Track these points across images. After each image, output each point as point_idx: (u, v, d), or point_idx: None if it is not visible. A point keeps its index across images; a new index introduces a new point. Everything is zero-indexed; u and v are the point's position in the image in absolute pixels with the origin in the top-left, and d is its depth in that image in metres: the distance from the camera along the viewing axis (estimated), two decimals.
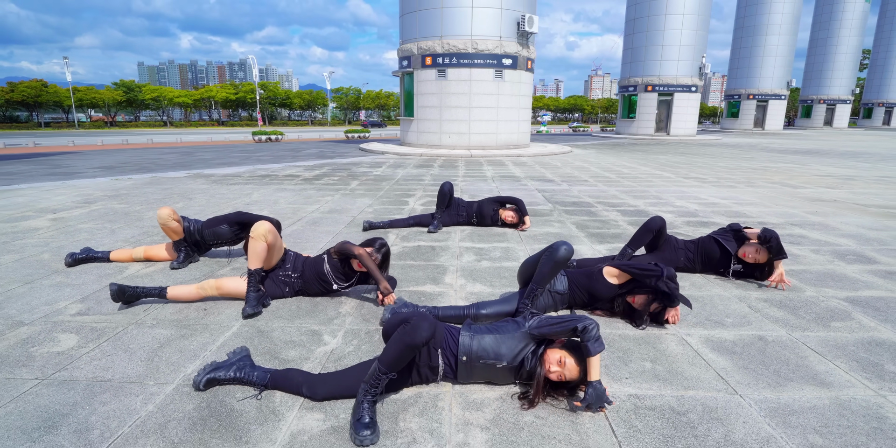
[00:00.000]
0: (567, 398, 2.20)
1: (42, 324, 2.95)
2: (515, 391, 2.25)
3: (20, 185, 8.81)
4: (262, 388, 2.20)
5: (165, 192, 7.95)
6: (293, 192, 8.11)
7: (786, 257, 3.51)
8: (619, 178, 10.44)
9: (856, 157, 16.49)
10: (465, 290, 3.58)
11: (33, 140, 28.47)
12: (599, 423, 2.04)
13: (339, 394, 2.13)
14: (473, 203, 5.57)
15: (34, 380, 2.33)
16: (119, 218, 6.00)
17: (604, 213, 6.49)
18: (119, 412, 2.08)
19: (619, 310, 3.00)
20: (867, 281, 3.86)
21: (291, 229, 5.46)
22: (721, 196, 8.09)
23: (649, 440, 1.93)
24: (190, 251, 4.12)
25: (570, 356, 2.15)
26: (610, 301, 3.02)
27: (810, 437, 1.95)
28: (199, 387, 2.22)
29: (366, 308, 3.24)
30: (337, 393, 2.13)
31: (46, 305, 3.23)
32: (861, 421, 2.06)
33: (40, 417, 2.04)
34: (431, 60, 16.53)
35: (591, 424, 2.03)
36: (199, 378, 2.23)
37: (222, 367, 2.27)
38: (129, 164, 13.14)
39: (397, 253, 4.50)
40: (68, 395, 2.20)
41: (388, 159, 14.41)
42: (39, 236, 5.09)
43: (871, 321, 3.08)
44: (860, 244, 4.99)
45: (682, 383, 2.35)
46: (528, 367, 2.19)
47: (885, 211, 6.87)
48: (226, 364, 2.28)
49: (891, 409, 2.14)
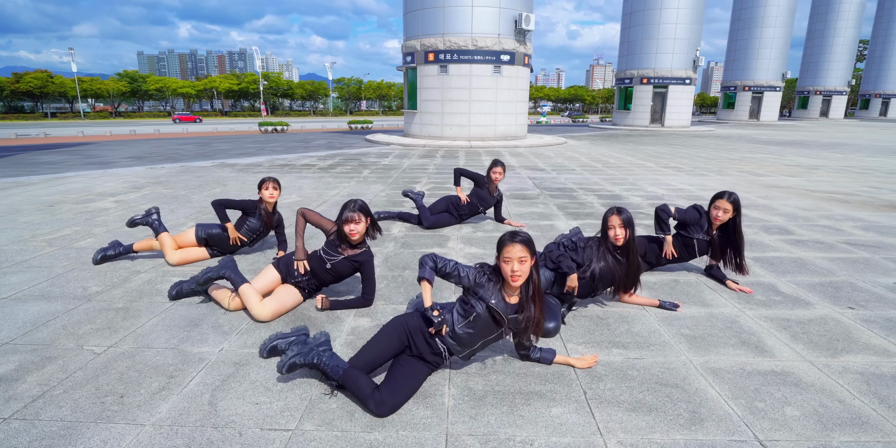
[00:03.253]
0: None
1: (154, 272, 4.05)
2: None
3: (68, 173, 9.88)
4: (333, 386, 2.35)
5: (201, 180, 9.03)
6: (313, 179, 9.19)
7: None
8: (604, 167, 11.50)
9: (834, 149, 17.50)
10: (464, 251, 4.67)
11: (43, 130, 29.41)
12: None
13: (404, 401, 2.24)
14: (469, 197, 5.63)
15: (168, 303, 3.42)
16: (170, 201, 7.08)
17: (583, 197, 7.57)
18: (236, 320, 3.17)
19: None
20: (776, 246, 4.95)
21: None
22: (689, 183, 9.16)
23: (579, 332, 3.03)
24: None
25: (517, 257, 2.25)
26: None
27: (682, 330, 3.05)
28: (263, 354, 2.61)
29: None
30: (402, 401, 2.24)
31: (150, 260, 4.33)
32: (720, 323, 3.16)
33: (185, 320, 3.13)
34: (434, 56, 17.51)
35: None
36: (263, 346, 2.61)
37: (285, 336, 2.60)
38: (155, 154, 14.21)
39: (408, 226, 5.60)
40: (198, 310, 3.29)
41: (394, 150, 15.46)
42: (112, 214, 6.18)
43: (762, 271, 4.18)
44: (787, 221, 6.08)
45: (612, 305, 3.44)
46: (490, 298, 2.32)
47: (827, 195, 7.95)
48: (287, 336, 2.60)
49: (744, 320, 3.23)
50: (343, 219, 3.15)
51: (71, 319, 3.13)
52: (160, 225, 4.32)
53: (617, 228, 3.15)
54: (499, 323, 2.35)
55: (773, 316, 3.27)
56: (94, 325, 3.05)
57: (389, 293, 3.64)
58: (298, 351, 2.40)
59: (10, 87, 54.93)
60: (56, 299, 3.45)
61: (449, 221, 5.64)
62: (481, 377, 2.50)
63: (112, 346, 2.79)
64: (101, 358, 2.65)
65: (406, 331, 2.40)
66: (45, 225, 5.59)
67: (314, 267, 3.33)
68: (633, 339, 2.92)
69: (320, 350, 2.40)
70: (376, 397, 2.18)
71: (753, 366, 2.62)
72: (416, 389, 2.33)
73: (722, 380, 2.48)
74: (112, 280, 3.84)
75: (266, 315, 3.11)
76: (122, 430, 2.06)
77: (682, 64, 30.76)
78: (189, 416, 2.15)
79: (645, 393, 2.36)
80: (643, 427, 2.11)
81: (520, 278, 2.29)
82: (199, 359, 2.65)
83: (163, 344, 2.81)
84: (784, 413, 2.21)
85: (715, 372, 2.56)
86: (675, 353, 2.75)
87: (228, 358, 2.66)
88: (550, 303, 3.03)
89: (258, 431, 2.06)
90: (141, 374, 2.50)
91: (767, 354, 2.75)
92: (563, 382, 2.45)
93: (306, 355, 2.37)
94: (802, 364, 2.65)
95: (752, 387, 2.42)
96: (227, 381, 2.43)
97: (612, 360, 2.68)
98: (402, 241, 5.02)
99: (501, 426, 2.11)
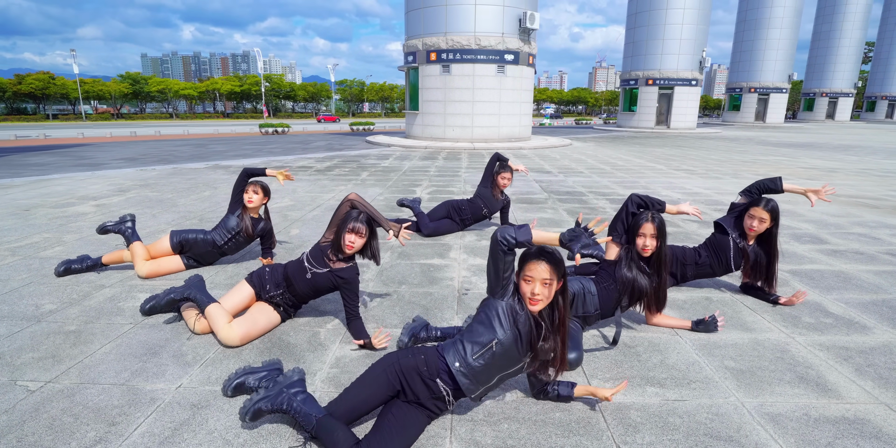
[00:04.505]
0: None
1: (120, 286, 3.61)
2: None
3: (53, 175, 9.46)
4: (307, 437, 1.92)
5: (190, 182, 8.60)
6: (308, 182, 8.75)
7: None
8: (613, 169, 11.04)
9: (847, 151, 17.01)
10: (467, 262, 4.22)
11: (43, 132, 29.15)
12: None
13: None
14: (473, 200, 5.22)
15: (129, 324, 2.99)
16: (155, 204, 6.65)
17: (594, 202, 7.11)
18: (202, 347, 2.73)
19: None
20: (812, 257, 4.49)
21: (312, 214, 6.10)
22: (705, 186, 8.69)
23: (605, 365, 2.57)
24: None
25: (541, 278, 1.91)
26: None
27: (726, 362, 2.59)
28: (227, 393, 2.18)
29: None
30: None
31: (119, 272, 3.89)
32: (768, 353, 2.70)
33: (144, 347, 2.69)
34: (436, 56, 17.08)
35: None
36: (228, 383, 2.19)
37: (254, 371, 2.21)
38: (149, 155, 13.80)
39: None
40: (160, 334, 2.85)
41: (395, 152, 15.03)
42: (90, 219, 5.75)
43: (802, 286, 3.72)
44: (818, 228, 5.61)
45: (639, 329, 2.99)
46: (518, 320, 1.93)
47: (853, 200, 7.47)
48: (257, 371, 2.21)
49: (795, 348, 2.77)
50: (347, 228, 2.75)
51: (11, 345, 2.69)
52: (133, 234, 3.87)
53: (648, 238, 2.70)
54: (522, 353, 1.96)
55: (827, 343, 2.81)
56: (37, 354, 2.60)
57: (382, 314, 3.18)
58: (265, 394, 1.97)
59: (12, 89, 54.83)
60: (1, 320, 3.01)
61: (450, 228, 5.18)
62: (490, 426, 2.04)
63: (51, 380, 2.35)
64: (35, 397, 2.21)
65: (398, 372, 1.94)
66: (15, 231, 5.16)
67: (292, 273, 2.89)
68: (669, 374, 2.46)
69: (291, 392, 1.97)
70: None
71: (819, 410, 2.17)
72: (410, 444, 1.88)
73: (785, 430, 2.02)
74: (71, 296, 3.40)
75: (234, 339, 2.67)
76: None
77: (689, 65, 30.26)
78: None
79: None
80: None
81: (540, 303, 1.92)
82: (150, 399, 2.20)
83: (111, 378, 2.37)
84: None
85: (774, 419, 2.10)
86: (722, 394, 2.29)
87: (186, 398, 2.21)
88: (571, 329, 2.57)
89: None
90: (77, 419, 2.05)
91: (833, 395, 2.29)
92: (592, 434, 1.99)
93: (274, 399, 1.95)
94: (878, 408, 2.19)
95: (824, 440, 1.96)
96: (180, 430, 1.98)
97: (647, 402, 2.22)
98: (399, 251, 4.57)
99: None
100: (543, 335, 1.96)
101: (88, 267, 3.83)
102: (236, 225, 3.88)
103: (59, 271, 3.76)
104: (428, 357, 1.98)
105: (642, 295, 2.76)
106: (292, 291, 2.90)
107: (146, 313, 3.07)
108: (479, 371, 1.93)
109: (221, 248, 3.93)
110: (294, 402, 1.91)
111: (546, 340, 1.96)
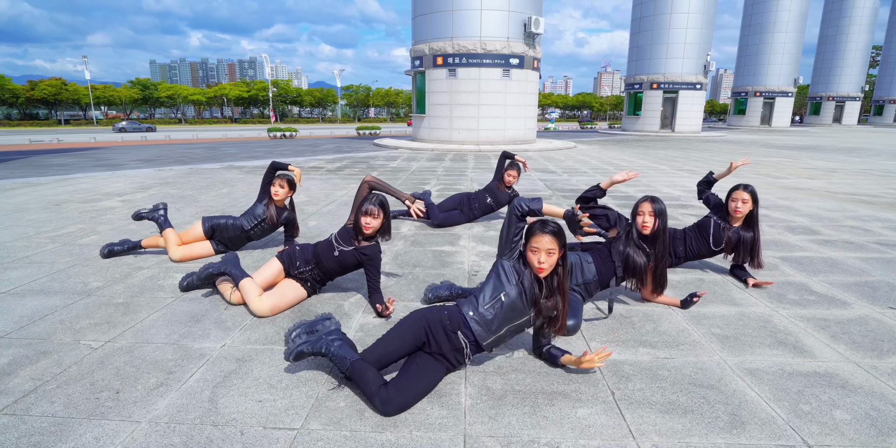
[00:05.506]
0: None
1: (157, 268, 3.92)
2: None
3: (76, 175, 9.84)
4: (342, 378, 2.24)
5: (208, 181, 8.94)
6: (321, 180, 9.08)
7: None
8: (616, 170, 11.30)
9: (850, 153, 17.18)
10: (475, 249, 4.51)
11: (57, 136, 29.74)
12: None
13: (413, 401, 2.07)
14: (480, 193, 5.59)
15: (171, 298, 3.29)
16: (177, 200, 6.99)
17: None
18: (239, 316, 3.02)
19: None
20: (804, 246, 4.74)
21: (327, 209, 6.42)
22: None
23: (602, 331, 2.85)
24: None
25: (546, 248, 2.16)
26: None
27: (713, 330, 2.86)
28: (290, 347, 2.27)
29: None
30: (412, 401, 2.07)
31: (154, 256, 4.20)
32: (752, 322, 2.96)
33: (187, 316, 2.99)
34: (442, 60, 17.45)
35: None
36: (289, 332, 2.42)
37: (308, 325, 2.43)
38: (164, 157, 14.20)
39: (419, 224, 5.45)
40: (200, 306, 3.15)
41: (402, 154, 15.36)
42: (118, 213, 6.08)
43: (791, 270, 3.97)
44: (812, 221, 5.86)
45: (635, 304, 3.26)
46: (523, 278, 2.22)
47: (850, 197, 7.70)
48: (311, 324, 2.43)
49: (777, 319, 3.04)
50: (361, 210, 3.05)
51: (69, 314, 3.00)
52: (165, 221, 4.20)
53: (646, 215, 2.97)
54: (526, 306, 2.24)
55: (808, 315, 3.08)
56: (93, 320, 2.91)
57: (400, 291, 3.47)
58: (306, 339, 2.27)
59: (25, 95, 55.77)
60: (55, 294, 3.32)
61: (458, 220, 5.48)
62: (500, 376, 2.33)
63: (110, 341, 2.65)
64: (98, 353, 2.51)
65: (425, 325, 2.23)
66: (50, 223, 5.49)
67: (322, 251, 3.19)
68: (660, 339, 2.73)
69: (329, 339, 2.26)
70: (382, 394, 2.02)
71: (794, 367, 2.43)
72: (429, 390, 2.16)
73: (761, 381, 2.29)
74: (114, 276, 3.72)
75: (264, 310, 2.96)
76: (116, 427, 1.91)
77: (693, 69, 30.52)
78: (188, 413, 2.00)
79: (678, 394, 2.17)
80: (679, 430, 1.92)
81: (545, 270, 2.21)
82: (199, 354, 2.50)
83: (162, 339, 2.67)
84: (833, 416, 2.02)
85: (752, 373, 2.37)
86: (707, 353, 2.56)
87: (230, 354, 2.51)
88: (572, 299, 2.85)
89: (261, 430, 1.90)
90: (138, 369, 2.35)
91: (808, 355, 2.56)
92: (589, 382, 2.27)
93: (314, 344, 2.24)
94: (847, 365, 2.45)
95: (794, 388, 2.23)
96: (229, 378, 2.28)
97: (639, 359, 2.50)
98: (412, 239, 4.87)
99: (524, 428, 1.93)
100: (545, 293, 2.24)
101: (129, 248, 4.17)
102: (262, 213, 4.18)
103: (104, 253, 4.10)
104: (450, 312, 2.27)
105: (636, 270, 3.02)
106: (321, 268, 3.19)
107: (184, 289, 3.38)
108: (489, 320, 2.22)
109: (248, 233, 4.24)
110: (332, 346, 2.20)
111: (548, 298, 2.25)
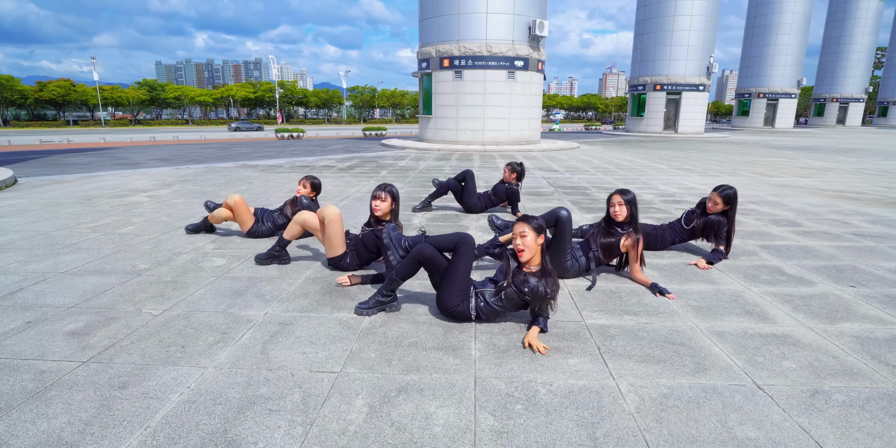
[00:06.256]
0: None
1: (195, 254, 4.36)
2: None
3: (98, 173, 10.33)
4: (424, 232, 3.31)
5: (226, 178, 9.40)
6: (334, 178, 9.52)
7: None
8: (617, 169, 11.70)
9: (848, 153, 17.51)
10: (482, 238, 4.92)
11: (66, 137, 30.31)
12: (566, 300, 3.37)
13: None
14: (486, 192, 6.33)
15: (213, 277, 3.72)
16: (200, 195, 7.44)
17: (596, 195, 7.79)
18: (276, 291, 3.45)
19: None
20: (784, 236, 5.13)
21: (342, 204, 6.85)
22: (701, 183, 9.33)
23: (593, 303, 3.26)
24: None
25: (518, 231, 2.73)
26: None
27: (690, 302, 3.26)
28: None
29: None
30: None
31: (190, 244, 4.64)
32: (726, 297, 3.37)
33: (230, 291, 3.42)
34: (449, 62, 17.89)
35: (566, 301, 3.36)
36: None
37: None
38: (179, 156, 14.69)
39: (429, 217, 5.88)
40: (240, 283, 3.59)
41: (409, 153, 15.80)
42: (147, 207, 6.53)
43: (768, 256, 4.37)
44: (797, 215, 6.24)
45: (623, 282, 3.67)
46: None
47: (838, 194, 8.08)
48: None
49: (748, 294, 3.44)
50: (372, 195, 3.73)
51: (126, 289, 3.43)
52: (216, 205, 5.01)
53: (617, 206, 3.54)
54: (523, 298, 2.73)
55: (776, 292, 3.48)
56: (148, 294, 3.34)
57: None
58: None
59: (34, 96, 56.56)
60: (109, 274, 3.76)
61: (476, 204, 6.16)
62: (504, 336, 2.74)
63: (167, 309, 3.08)
64: (159, 319, 2.94)
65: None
66: (87, 215, 5.95)
67: (356, 236, 3.88)
68: (643, 309, 3.14)
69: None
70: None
71: (755, 330, 2.84)
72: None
73: (725, 340, 2.69)
74: (157, 259, 4.15)
75: (334, 212, 3.63)
76: (188, 372, 2.33)
77: (696, 70, 30.87)
78: (245, 362, 2.42)
79: (654, 349, 2.58)
80: (651, 374, 2.33)
81: (523, 252, 2.71)
82: (246, 320, 2.93)
83: (212, 308, 3.10)
84: (781, 365, 2.42)
85: (719, 334, 2.77)
86: (682, 320, 2.97)
87: (273, 319, 2.94)
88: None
89: (308, 373, 2.32)
90: (197, 330, 2.78)
91: (769, 321, 2.96)
92: (579, 340, 2.68)
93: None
94: (801, 329, 2.86)
95: (752, 346, 2.63)
96: (276, 336, 2.70)
97: (623, 324, 2.91)
98: (421, 229, 5.28)
99: (524, 372, 2.35)
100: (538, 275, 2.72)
101: (206, 228, 5.04)
102: (290, 212, 4.80)
103: (190, 229, 5.05)
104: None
105: (612, 249, 3.65)
106: (357, 252, 3.84)
107: (191, 231, 4.72)
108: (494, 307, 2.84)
109: (277, 225, 4.78)
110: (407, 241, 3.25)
111: (540, 278, 2.69)
